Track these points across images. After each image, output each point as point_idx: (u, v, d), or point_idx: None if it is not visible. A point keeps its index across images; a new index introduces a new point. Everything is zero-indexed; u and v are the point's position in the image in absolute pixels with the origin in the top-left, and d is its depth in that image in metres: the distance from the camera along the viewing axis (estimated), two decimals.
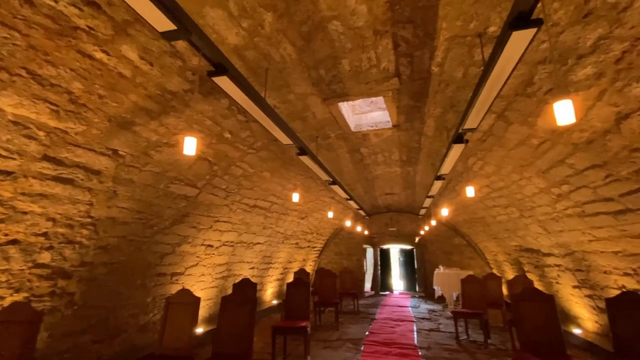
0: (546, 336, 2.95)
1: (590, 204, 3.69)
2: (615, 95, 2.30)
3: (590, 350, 4.52)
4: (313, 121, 4.04)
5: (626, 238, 3.54)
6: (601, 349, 4.28)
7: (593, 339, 4.63)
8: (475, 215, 7.73)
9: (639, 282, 3.66)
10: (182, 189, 3.89)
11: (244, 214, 5.52)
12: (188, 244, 4.64)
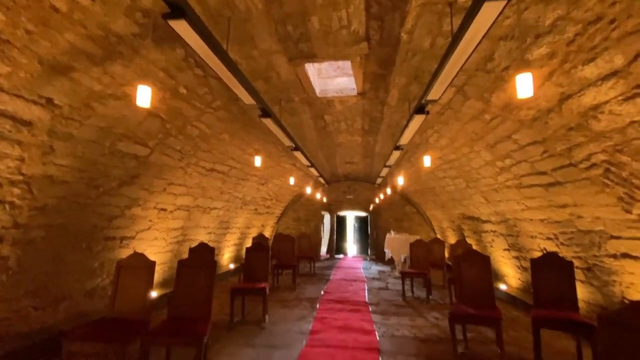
0: (479, 291, 3.35)
1: (526, 177, 4.10)
2: (563, 77, 2.49)
3: (512, 303, 5.27)
4: (277, 82, 3.86)
5: (552, 207, 4.04)
6: (521, 301, 5.01)
7: (516, 294, 5.38)
8: (426, 185, 8.24)
9: (558, 245, 4.26)
10: (132, 147, 3.57)
11: (200, 178, 5.29)
12: (139, 207, 4.37)
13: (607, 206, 3.15)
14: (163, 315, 3.26)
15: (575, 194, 3.48)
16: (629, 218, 2.95)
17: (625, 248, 3.16)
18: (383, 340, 3.64)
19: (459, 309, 3.16)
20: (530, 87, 1.49)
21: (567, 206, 3.75)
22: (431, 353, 3.30)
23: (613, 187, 2.91)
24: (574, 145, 3.03)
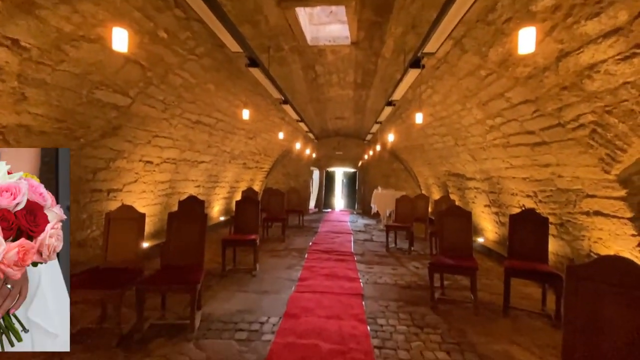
0: (459, 244, 3.55)
1: (514, 136, 4.14)
2: (564, 32, 2.40)
3: (488, 254, 5.64)
4: (265, 27, 3.59)
5: (535, 166, 4.15)
6: (496, 253, 5.37)
7: (491, 246, 5.74)
8: (415, 142, 8.27)
9: (536, 202, 4.46)
10: (111, 96, 3.37)
11: (186, 130, 5.13)
12: (124, 160, 4.27)
13: (587, 166, 3.25)
14: (156, 265, 3.37)
15: (559, 153, 3.56)
16: (606, 178, 3.08)
17: (598, 206, 3.34)
18: (366, 287, 3.91)
19: (439, 259, 3.37)
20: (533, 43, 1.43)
21: (550, 165, 3.85)
22: (410, 298, 3.58)
23: (597, 148, 2.98)
24: (565, 105, 3.03)
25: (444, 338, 2.71)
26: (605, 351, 1.38)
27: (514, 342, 2.65)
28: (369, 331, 2.78)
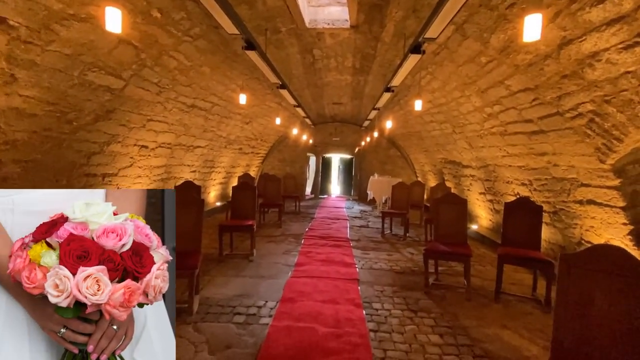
0: (454, 231, 3.60)
1: (512, 124, 4.14)
2: (567, 19, 2.36)
3: (481, 241, 5.74)
4: (262, 8, 3.49)
5: (531, 155, 4.17)
6: (489, 240, 5.46)
7: (485, 233, 5.83)
8: (412, 129, 8.24)
9: (531, 190, 4.51)
10: (104, 78, 3.29)
11: (181, 114, 5.04)
12: (118, 144, 4.20)
13: (583, 155, 3.28)
14: None
15: (555, 142, 3.58)
16: (601, 167, 3.11)
17: (592, 195, 3.38)
18: (362, 272, 3.97)
19: (434, 245, 3.42)
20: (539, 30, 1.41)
21: (546, 154, 3.88)
22: (405, 283, 3.65)
23: (593, 138, 2.99)
24: (565, 93, 3.01)
25: (437, 322, 2.78)
26: (595, 336, 1.43)
27: (505, 326, 2.73)
28: (364, 315, 2.84)
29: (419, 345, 2.42)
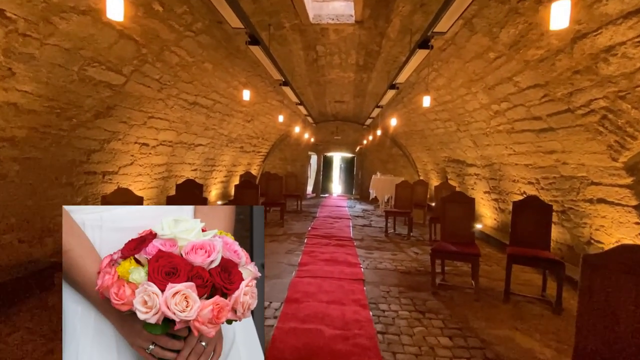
0: (461, 230, 3.53)
1: (520, 122, 4.07)
2: (583, 11, 2.28)
3: (486, 240, 5.67)
4: (266, 3, 3.41)
5: (539, 153, 4.10)
6: (494, 239, 5.39)
7: (490, 232, 5.76)
8: (415, 128, 8.17)
9: (538, 189, 4.44)
10: (104, 74, 3.21)
11: (182, 112, 4.97)
12: (119, 141, 4.13)
13: (594, 153, 3.21)
14: None
15: (565, 140, 3.51)
16: (613, 165, 3.04)
17: (602, 194, 3.31)
18: (367, 272, 3.90)
19: (441, 245, 3.35)
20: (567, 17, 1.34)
21: (555, 152, 3.81)
22: (411, 283, 3.58)
23: (606, 135, 2.92)
24: (577, 90, 2.94)
25: (445, 323, 2.72)
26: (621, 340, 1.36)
27: (516, 328, 2.67)
28: (371, 316, 2.78)
29: (428, 348, 2.36)
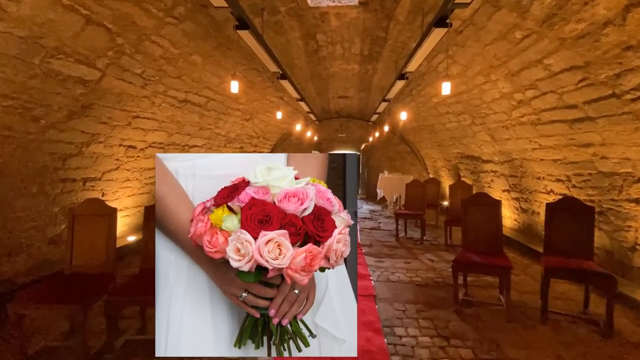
0: (486, 237, 3.07)
1: (548, 112, 3.59)
2: None
3: (506, 243, 5.16)
4: None
5: (571, 146, 3.61)
6: (516, 242, 4.90)
7: (510, 234, 5.27)
8: (424, 123, 7.68)
9: (568, 187, 3.95)
10: (73, 67, 2.81)
11: (173, 111, 4.57)
12: (100, 144, 3.74)
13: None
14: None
15: (606, 131, 3.02)
16: None
17: None
18: (378, 286, 3.46)
19: (464, 256, 2.90)
20: None
21: (592, 145, 3.32)
22: (429, 299, 3.14)
23: None
24: (626, 70, 2.47)
25: (476, 353, 2.27)
26: None
27: (561, 358, 2.21)
28: (386, 345, 2.34)
29: None
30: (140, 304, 2.22)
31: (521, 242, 4.75)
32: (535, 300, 3.08)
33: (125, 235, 4.56)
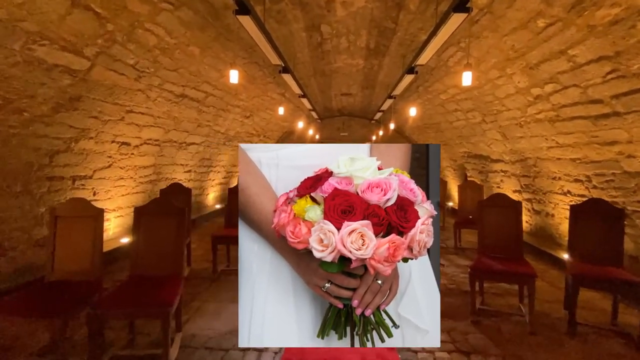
0: (506, 241, 2.85)
1: (569, 107, 3.36)
2: None
3: None
4: None
5: (593, 145, 3.39)
6: (529, 245, 4.67)
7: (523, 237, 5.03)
8: (430, 121, 7.46)
9: (588, 188, 3.72)
10: (58, 55, 2.58)
11: (169, 106, 4.34)
12: (90, 140, 3.51)
13: None
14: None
15: (636, 127, 2.80)
16: None
17: None
18: None
19: (482, 263, 2.68)
20: None
21: (617, 143, 3.10)
22: (444, 307, 2.91)
23: None
24: None
25: None
26: None
27: None
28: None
29: None
30: (128, 317, 1.98)
31: (534, 246, 4.53)
32: (557, 309, 2.86)
33: (119, 237, 4.33)
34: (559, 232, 4.40)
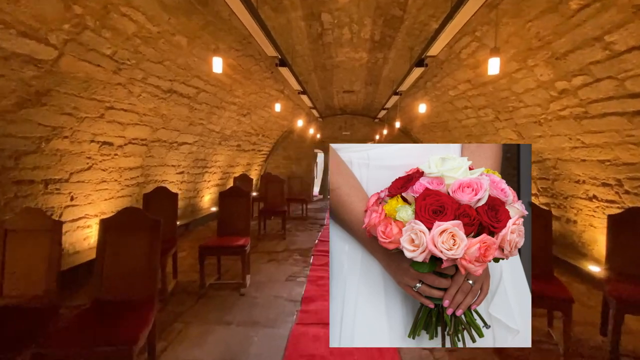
0: (532, 257, 2.47)
1: (600, 102, 2.99)
2: None
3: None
4: None
5: (627, 145, 3.01)
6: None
7: None
8: (438, 119, 7.08)
9: (619, 193, 3.34)
10: (20, 43, 2.24)
11: (156, 102, 3.99)
12: (65, 139, 3.17)
13: None
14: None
15: None
16: None
17: None
18: None
19: None
20: None
21: None
22: None
23: None
24: None
25: None
26: None
27: None
28: None
29: None
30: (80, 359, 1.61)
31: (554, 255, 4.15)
32: (590, 333, 2.49)
33: None
34: (582, 241, 4.03)
